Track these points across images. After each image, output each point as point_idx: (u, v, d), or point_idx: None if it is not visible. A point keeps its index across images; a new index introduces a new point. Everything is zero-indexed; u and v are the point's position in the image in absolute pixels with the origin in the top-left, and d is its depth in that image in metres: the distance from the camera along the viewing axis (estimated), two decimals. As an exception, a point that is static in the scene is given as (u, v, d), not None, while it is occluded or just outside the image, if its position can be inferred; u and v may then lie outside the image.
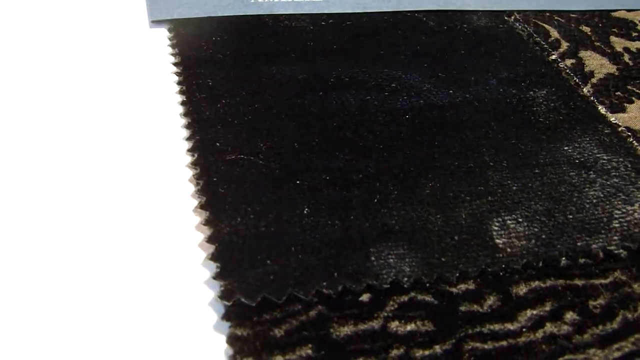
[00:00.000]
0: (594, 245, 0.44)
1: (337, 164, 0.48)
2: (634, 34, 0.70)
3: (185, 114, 0.53)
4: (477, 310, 0.40)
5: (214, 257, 0.41)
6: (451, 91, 0.57)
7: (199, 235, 0.43)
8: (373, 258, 0.41)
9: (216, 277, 0.40)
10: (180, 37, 0.61)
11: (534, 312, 0.40)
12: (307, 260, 0.40)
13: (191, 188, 0.47)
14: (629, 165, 0.51)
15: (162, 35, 0.63)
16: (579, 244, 0.44)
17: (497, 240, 0.43)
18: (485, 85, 0.58)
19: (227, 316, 0.38)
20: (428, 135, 0.52)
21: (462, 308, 0.40)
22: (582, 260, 0.43)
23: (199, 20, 0.63)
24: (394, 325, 0.38)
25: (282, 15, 0.65)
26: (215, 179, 0.46)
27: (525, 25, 0.69)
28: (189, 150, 0.50)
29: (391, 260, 0.41)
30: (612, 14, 0.73)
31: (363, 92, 0.56)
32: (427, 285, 0.40)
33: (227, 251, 0.41)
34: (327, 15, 0.66)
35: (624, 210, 0.47)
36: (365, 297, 0.39)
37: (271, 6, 0.66)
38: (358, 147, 0.50)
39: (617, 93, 0.60)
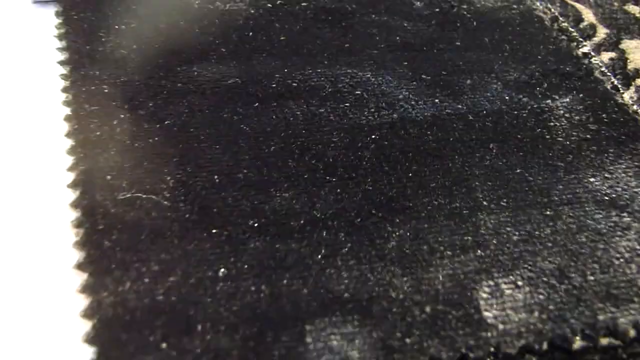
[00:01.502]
0: (622, 319, 0.44)
1: (271, 204, 0.48)
2: (698, 17, 0.70)
3: (70, 134, 0.53)
4: (450, 413, 0.39)
5: (90, 339, 0.40)
6: (437, 100, 0.57)
7: (76, 306, 0.43)
8: (309, 339, 0.41)
9: (91, 367, 0.39)
10: (71, 23, 0.62)
11: (531, 416, 0.40)
12: (218, 342, 0.40)
13: (71, 238, 0.46)
14: (679, 204, 0.51)
15: (48, 19, 0.63)
16: (601, 317, 0.44)
17: (486, 313, 0.43)
18: (486, 91, 0.59)
19: (102, 423, 0.37)
20: (400, 163, 0.52)
21: (430, 411, 0.39)
22: (604, 341, 0.43)
23: (98, 1, 0.63)
24: None
25: (213, -7, 0.65)
26: (101, 227, 0.46)
27: (549, 5, 0.70)
28: (70, 185, 0.49)
29: (335, 342, 0.41)
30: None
31: (315, 102, 0.56)
32: (383, 378, 0.40)
33: (109, 330, 0.41)
34: (275, -6, 0.66)
35: (667, 267, 0.47)
36: (294, 396, 0.39)
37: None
38: (302, 181, 0.50)
39: (670, 100, 0.60)
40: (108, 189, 0.48)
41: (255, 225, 0.47)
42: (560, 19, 0.67)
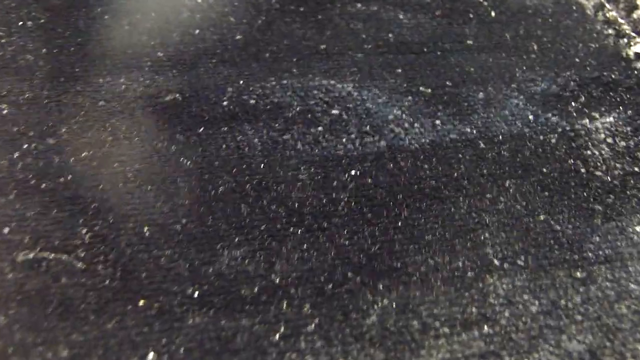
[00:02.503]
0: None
1: (216, 266, 0.50)
2: None
3: (-43, 170, 0.53)
4: None
5: None
6: (438, 122, 0.58)
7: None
8: None
9: None
10: (-39, 20, 0.62)
11: None
12: None
13: (-44, 311, 0.48)
14: None
15: None
16: (643, 414, 0.45)
17: (492, 411, 0.44)
18: (503, 108, 0.60)
19: None
20: (387, 208, 0.54)
21: None
22: None
23: None
24: None
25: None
26: None
27: None
28: (-44, 241, 0.50)
29: None
30: None
31: (279, 125, 0.58)
32: None
33: None
34: (229, -23, 0.67)
35: None
36: None
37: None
38: (257, 234, 0.51)
39: None
40: (5, 247, 0.49)
41: (196, 294, 0.48)
42: (607, 6, 0.68)
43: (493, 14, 0.66)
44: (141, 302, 0.48)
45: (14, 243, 0.50)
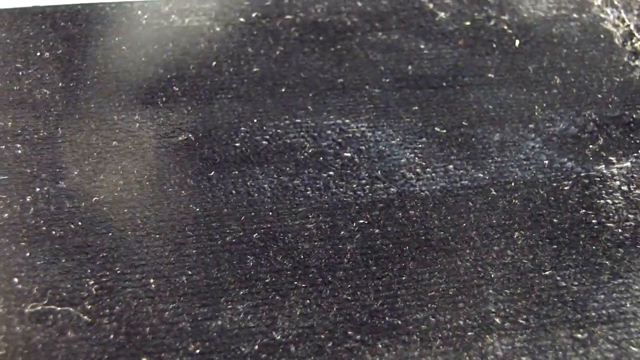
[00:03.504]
0: None
1: (218, 321, 0.53)
2: None
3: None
4: None
5: None
6: (451, 166, 0.61)
7: None
8: None
9: None
10: (-21, 50, 0.65)
11: None
12: None
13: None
14: None
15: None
16: None
17: None
18: (519, 151, 0.62)
19: None
20: (392, 261, 0.56)
21: None
22: None
23: (16, 17, 0.68)
24: None
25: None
26: (1, 352, 0.50)
27: (624, 14, 0.71)
28: (-36, 290, 0.53)
29: None
30: None
31: (290, 169, 0.60)
32: None
33: None
34: (250, 5, 0.69)
35: None
36: None
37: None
38: (262, 287, 0.54)
39: None
40: (14, 298, 0.52)
41: (197, 351, 0.51)
42: (637, 35, 0.69)
43: (517, 43, 0.68)
44: (144, 359, 0.51)
45: (23, 294, 0.53)
